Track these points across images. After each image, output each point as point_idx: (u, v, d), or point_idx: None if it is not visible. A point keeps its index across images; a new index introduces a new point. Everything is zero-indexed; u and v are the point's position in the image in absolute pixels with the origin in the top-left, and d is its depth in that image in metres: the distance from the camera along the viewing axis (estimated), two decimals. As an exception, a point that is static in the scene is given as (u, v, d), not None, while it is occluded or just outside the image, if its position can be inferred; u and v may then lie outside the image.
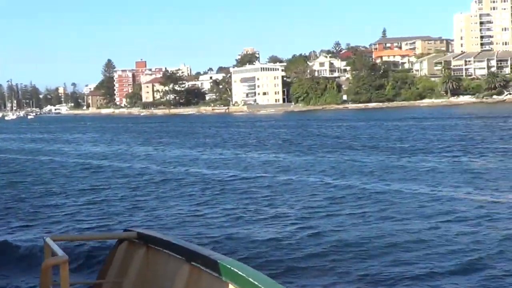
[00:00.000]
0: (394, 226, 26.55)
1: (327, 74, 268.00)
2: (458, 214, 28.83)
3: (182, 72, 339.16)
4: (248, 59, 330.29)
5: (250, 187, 40.43)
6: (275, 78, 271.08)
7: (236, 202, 34.72)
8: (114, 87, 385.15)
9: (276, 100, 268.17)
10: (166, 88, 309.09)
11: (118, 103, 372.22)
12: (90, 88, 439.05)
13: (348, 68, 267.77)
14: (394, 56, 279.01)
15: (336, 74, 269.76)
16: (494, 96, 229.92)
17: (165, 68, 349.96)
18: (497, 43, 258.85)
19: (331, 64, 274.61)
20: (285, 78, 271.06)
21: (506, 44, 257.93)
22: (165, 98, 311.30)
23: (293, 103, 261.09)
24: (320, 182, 41.48)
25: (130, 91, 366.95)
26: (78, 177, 49.05)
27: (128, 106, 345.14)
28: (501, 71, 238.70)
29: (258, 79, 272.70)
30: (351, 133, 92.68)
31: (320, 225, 27.35)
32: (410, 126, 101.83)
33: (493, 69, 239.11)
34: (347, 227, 26.75)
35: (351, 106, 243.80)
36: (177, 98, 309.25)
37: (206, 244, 24.47)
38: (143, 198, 37.42)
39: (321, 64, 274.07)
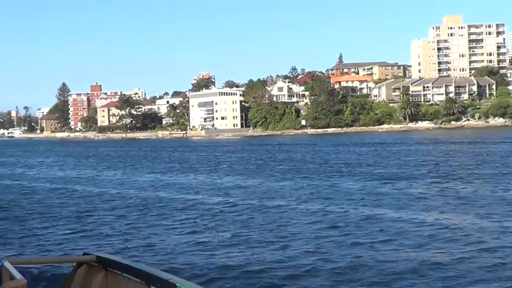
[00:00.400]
0: (416, 258, 25.18)
1: (286, 99, 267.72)
2: (477, 243, 27.64)
3: (139, 96, 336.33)
4: (204, 83, 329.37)
5: (243, 214, 38.93)
6: (233, 103, 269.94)
7: (235, 230, 33.29)
8: (69, 111, 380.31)
9: (234, 124, 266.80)
10: (123, 112, 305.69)
11: (73, 127, 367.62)
12: (43, 112, 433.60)
13: (306, 93, 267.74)
14: (352, 81, 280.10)
15: (294, 99, 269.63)
16: (453, 122, 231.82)
17: (121, 92, 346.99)
18: (454, 69, 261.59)
19: (289, 89, 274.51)
20: (243, 103, 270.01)
21: (463, 70, 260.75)
22: (121, 122, 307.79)
23: (251, 128, 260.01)
24: (314, 208, 40.07)
25: (85, 115, 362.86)
26: (57, 203, 46.99)
27: (83, 130, 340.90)
28: (459, 97, 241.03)
29: (216, 103, 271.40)
30: (322, 158, 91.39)
31: (336, 258, 25.75)
32: (380, 152, 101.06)
33: (451, 95, 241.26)
34: (366, 261, 25.16)
35: (310, 131, 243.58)
36: (133, 122, 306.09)
37: (222, 279, 22.92)
38: (134, 225, 35.66)
39: (280, 89, 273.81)
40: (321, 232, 31.68)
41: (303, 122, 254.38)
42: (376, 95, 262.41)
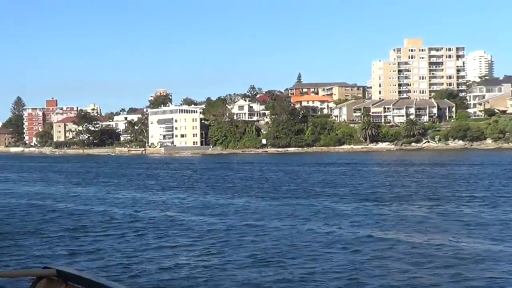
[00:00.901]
0: None
1: (246, 118, 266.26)
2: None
3: (97, 112, 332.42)
4: (161, 100, 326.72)
5: (247, 234, 37.59)
6: (193, 120, 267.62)
7: (248, 252, 32.03)
8: (24, 126, 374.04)
9: (194, 142, 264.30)
10: (80, 127, 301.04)
11: (27, 142, 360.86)
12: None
13: (267, 112, 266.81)
14: (313, 101, 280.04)
15: (255, 118, 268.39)
16: (413, 144, 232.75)
17: (77, 107, 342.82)
18: (414, 91, 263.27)
19: (250, 107, 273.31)
20: (203, 121, 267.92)
21: (423, 92, 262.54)
22: (78, 138, 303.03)
23: (211, 146, 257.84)
24: (320, 230, 38.83)
25: (40, 130, 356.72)
26: (43, 221, 44.85)
27: (39, 145, 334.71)
28: (419, 119, 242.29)
29: (176, 121, 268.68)
30: (300, 178, 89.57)
31: None
32: (356, 172, 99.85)
33: (412, 117, 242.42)
34: None
35: (271, 150, 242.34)
36: (91, 138, 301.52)
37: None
38: (137, 246, 33.89)
39: (240, 108, 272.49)
40: (344, 257, 30.21)
41: (264, 141, 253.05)
42: (337, 116, 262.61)
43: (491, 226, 39.44)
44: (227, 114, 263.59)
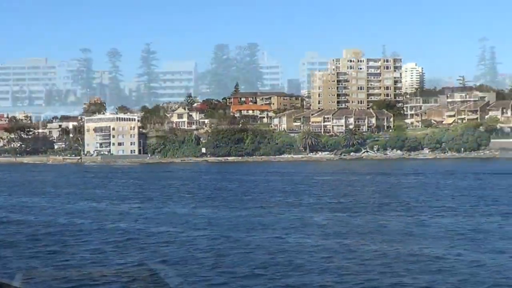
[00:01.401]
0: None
1: (185, 126, 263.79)
2: None
3: (30, 120, 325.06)
4: (96, 108, 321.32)
5: (239, 248, 35.79)
6: (131, 128, 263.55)
7: (252, 267, 30.51)
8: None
9: (131, 151, 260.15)
10: (12, 135, 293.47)
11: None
12: None
13: (206, 121, 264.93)
14: (252, 110, 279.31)
15: (194, 127, 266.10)
16: (352, 153, 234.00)
17: (8, 114, 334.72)
18: (352, 102, 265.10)
19: (189, 116, 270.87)
20: (141, 129, 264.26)
21: (361, 102, 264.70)
22: (9, 146, 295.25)
23: (149, 155, 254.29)
24: (309, 242, 37.64)
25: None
26: (9, 233, 42.05)
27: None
28: (358, 129, 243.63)
29: (113, 128, 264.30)
30: (259, 187, 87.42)
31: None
32: (310, 181, 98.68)
33: (351, 127, 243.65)
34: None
35: (211, 159, 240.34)
36: (23, 146, 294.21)
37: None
38: (126, 263, 31.67)
39: (180, 116, 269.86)
40: (354, 270, 29.26)
41: (204, 150, 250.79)
42: (276, 125, 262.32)
43: (475, 236, 38.94)
44: (165, 123, 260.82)
